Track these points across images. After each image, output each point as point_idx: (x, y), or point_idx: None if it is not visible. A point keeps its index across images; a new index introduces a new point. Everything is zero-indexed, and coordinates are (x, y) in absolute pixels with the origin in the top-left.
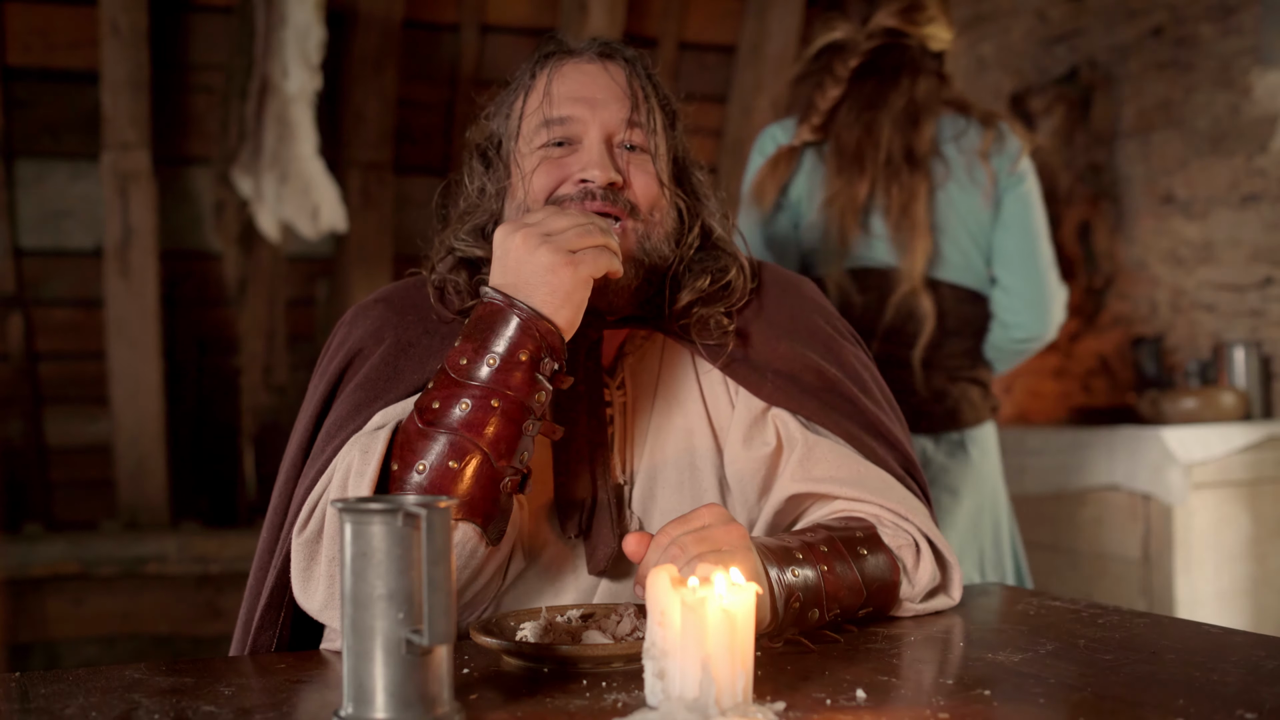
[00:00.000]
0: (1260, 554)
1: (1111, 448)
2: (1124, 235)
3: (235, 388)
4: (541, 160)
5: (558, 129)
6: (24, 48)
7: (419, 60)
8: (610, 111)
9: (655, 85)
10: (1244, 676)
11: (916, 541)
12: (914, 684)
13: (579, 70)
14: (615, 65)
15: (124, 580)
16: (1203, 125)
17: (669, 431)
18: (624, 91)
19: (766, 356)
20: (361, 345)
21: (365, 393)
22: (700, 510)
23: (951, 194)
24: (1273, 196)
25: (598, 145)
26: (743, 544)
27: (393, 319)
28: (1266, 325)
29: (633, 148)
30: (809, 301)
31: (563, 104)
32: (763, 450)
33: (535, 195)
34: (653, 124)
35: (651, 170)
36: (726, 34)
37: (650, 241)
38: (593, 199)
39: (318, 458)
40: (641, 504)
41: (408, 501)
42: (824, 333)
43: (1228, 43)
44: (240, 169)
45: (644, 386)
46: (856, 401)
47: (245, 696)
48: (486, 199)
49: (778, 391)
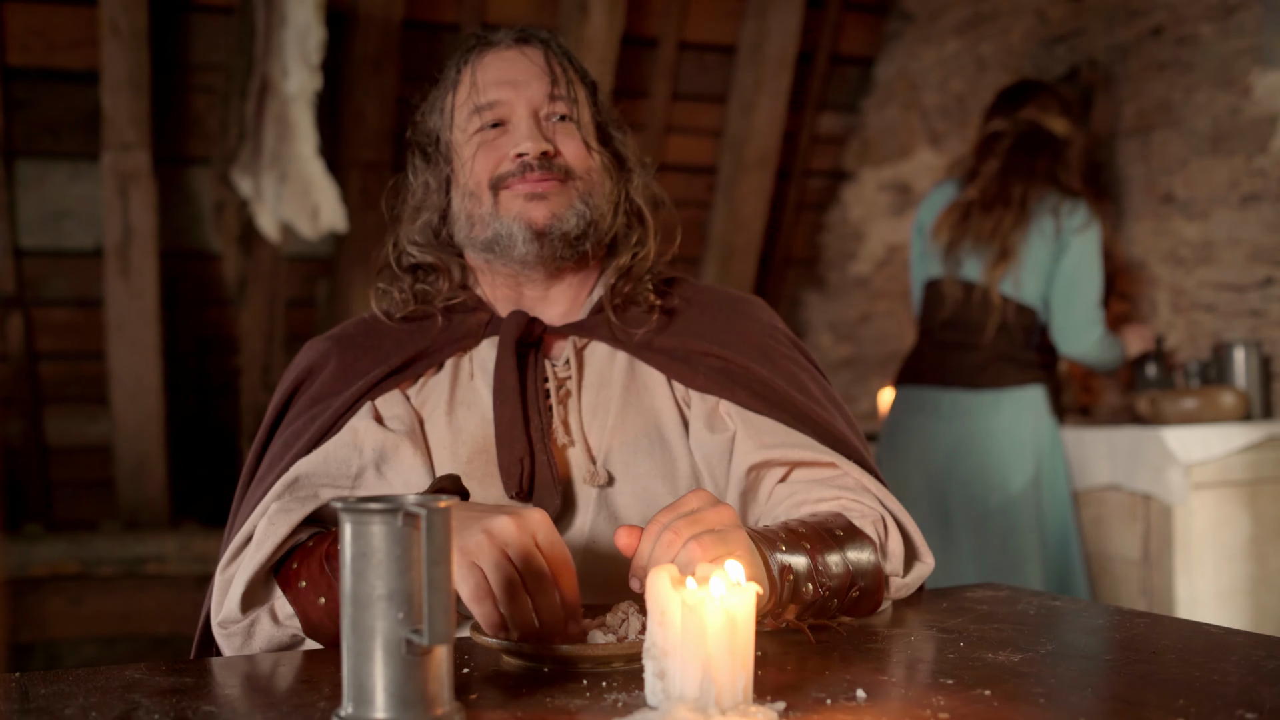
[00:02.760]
0: (1260, 554)
1: (1111, 448)
2: (1124, 235)
3: (235, 388)
4: (479, 146)
5: (488, 113)
6: (24, 48)
7: (419, 60)
8: (533, 89)
9: (572, 60)
10: (1244, 676)
11: (883, 517)
12: (914, 684)
13: (499, 58)
14: (532, 48)
15: (124, 580)
16: (1203, 125)
17: (634, 408)
18: (543, 70)
19: (699, 355)
20: (309, 369)
21: (309, 411)
22: (688, 496)
23: (1031, 240)
24: (1273, 196)
25: (526, 121)
26: (734, 522)
27: (336, 350)
28: (1266, 325)
29: (561, 118)
30: (748, 316)
31: (488, 90)
32: (724, 434)
33: (478, 178)
34: (573, 94)
35: (578, 136)
36: (726, 34)
37: (591, 198)
38: (531, 170)
39: (258, 486)
40: (609, 466)
41: (408, 501)
42: (758, 341)
43: (1228, 43)
44: (240, 169)
45: (601, 369)
46: (790, 397)
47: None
48: (430, 193)
49: (711, 382)
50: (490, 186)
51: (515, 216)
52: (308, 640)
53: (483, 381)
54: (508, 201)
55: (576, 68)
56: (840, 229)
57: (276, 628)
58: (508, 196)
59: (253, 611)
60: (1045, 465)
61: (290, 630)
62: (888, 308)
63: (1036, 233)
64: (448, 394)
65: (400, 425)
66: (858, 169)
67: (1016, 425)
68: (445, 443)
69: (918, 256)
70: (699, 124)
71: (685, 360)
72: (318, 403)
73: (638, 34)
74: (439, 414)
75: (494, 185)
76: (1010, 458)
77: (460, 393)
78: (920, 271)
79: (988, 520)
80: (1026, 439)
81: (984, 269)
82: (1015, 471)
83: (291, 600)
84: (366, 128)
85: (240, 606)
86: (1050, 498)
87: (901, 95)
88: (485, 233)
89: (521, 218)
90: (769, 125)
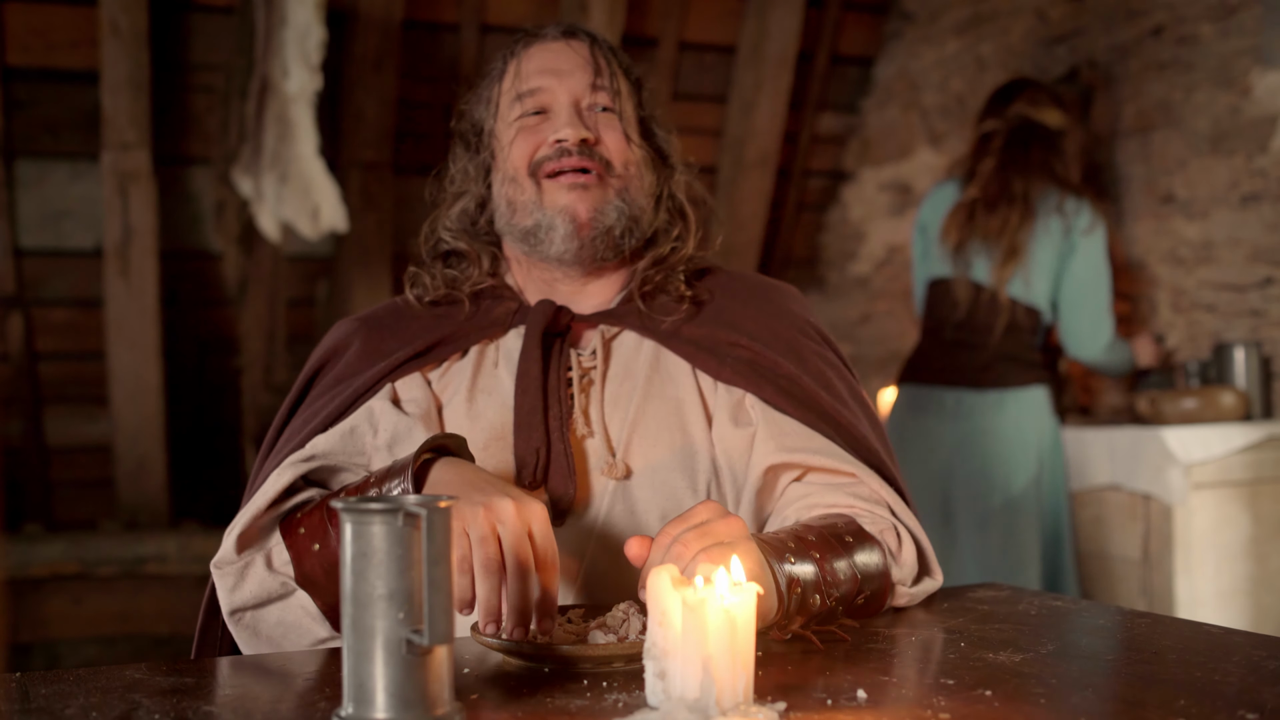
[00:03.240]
0: (1260, 554)
1: (1111, 448)
2: (1124, 235)
3: (235, 388)
4: (519, 130)
5: (529, 100)
6: (24, 48)
7: (419, 60)
8: (576, 79)
9: (617, 55)
10: (1245, 677)
11: (895, 526)
12: (915, 684)
13: (545, 48)
14: (578, 40)
15: (124, 580)
16: (1203, 125)
17: (657, 399)
18: (587, 61)
19: (727, 346)
20: (334, 349)
21: (330, 390)
22: (697, 507)
23: (1038, 238)
24: (1273, 196)
25: (567, 108)
26: (744, 535)
27: (363, 331)
28: (1266, 325)
29: (603, 109)
30: (780, 306)
31: (531, 78)
32: (748, 429)
33: (516, 163)
34: (616, 86)
35: (619, 128)
36: (726, 34)
37: (629, 194)
38: (569, 155)
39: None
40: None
41: (408, 501)
42: (788, 335)
43: (1228, 43)
44: (240, 169)
45: (627, 359)
46: (816, 395)
47: (245, 696)
48: (469, 180)
49: (737, 375)
50: (530, 172)
51: (561, 209)
52: (294, 600)
53: (506, 370)
54: (552, 192)
55: (622, 63)
56: (840, 229)
57: (269, 573)
58: (552, 187)
59: (249, 553)
60: (1047, 465)
61: (281, 578)
62: (888, 308)
63: (1043, 231)
64: (469, 380)
65: (416, 409)
66: (858, 169)
67: (1020, 425)
68: (463, 429)
69: (919, 256)
70: (699, 124)
71: (713, 351)
72: (340, 382)
73: (638, 34)
74: (459, 399)
75: (533, 171)
76: (1013, 457)
77: (482, 379)
78: (923, 271)
79: (990, 520)
80: (1030, 439)
81: (992, 268)
82: (1018, 471)
83: (289, 546)
84: (366, 128)
85: (236, 547)
86: (1050, 498)
87: (901, 95)
88: (526, 220)
89: (566, 211)
90: (769, 125)
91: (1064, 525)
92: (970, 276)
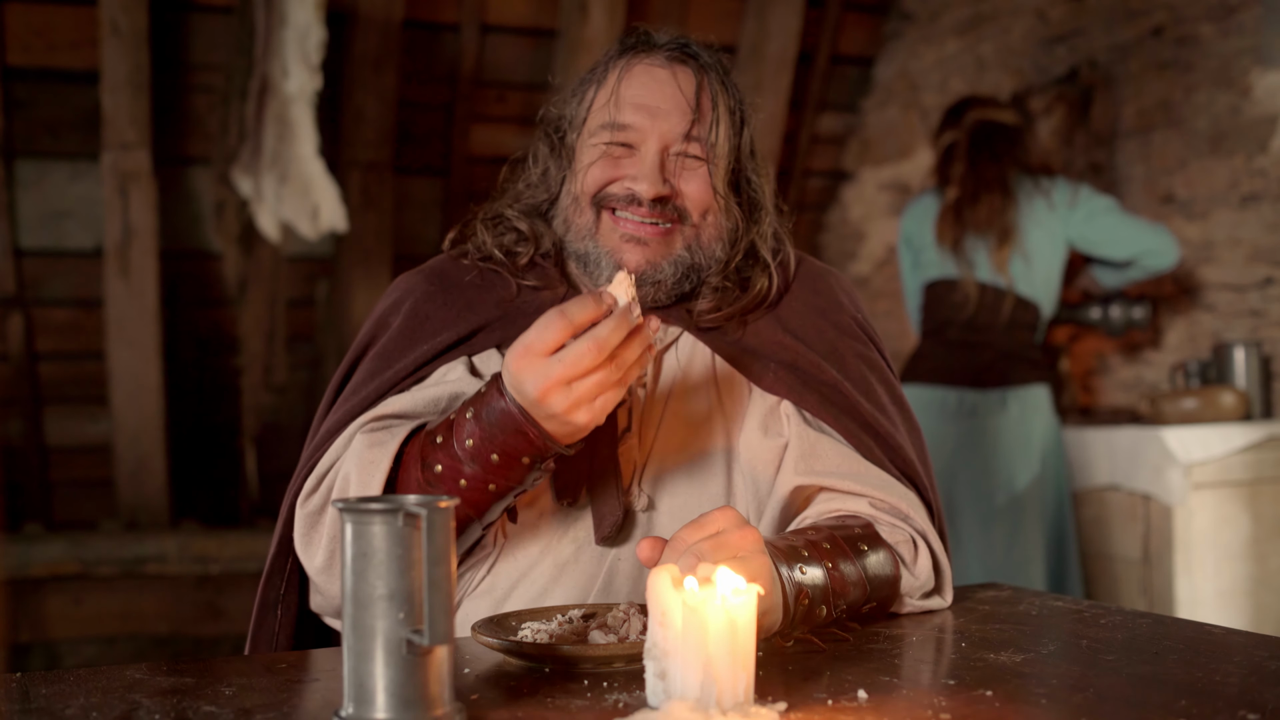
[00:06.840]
0: (1260, 554)
1: (1111, 448)
2: None
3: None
4: (600, 156)
5: (619, 134)
6: (24, 48)
7: (419, 60)
8: (670, 123)
9: (726, 88)
10: (1246, 677)
11: (914, 538)
12: (915, 684)
13: (648, 74)
14: (686, 71)
15: (124, 580)
16: (1203, 125)
17: (684, 417)
18: (688, 103)
19: (771, 348)
20: (385, 320)
21: (378, 362)
22: (714, 514)
23: (1025, 220)
24: (1273, 196)
25: (652, 157)
26: (758, 548)
27: (419, 288)
28: (1266, 325)
29: (691, 156)
30: (827, 299)
31: (625, 110)
32: (778, 440)
33: (587, 188)
34: (714, 136)
35: (705, 177)
36: (726, 34)
37: (699, 242)
38: (638, 205)
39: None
40: (651, 485)
41: (408, 501)
42: (831, 336)
43: (1228, 43)
44: (240, 169)
45: (665, 375)
46: (857, 404)
47: (246, 696)
48: (547, 180)
49: (779, 383)
50: (593, 200)
51: (610, 251)
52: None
53: None
54: (607, 230)
55: (730, 96)
56: (840, 229)
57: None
58: (609, 225)
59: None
60: (1050, 463)
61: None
62: (888, 308)
63: (1029, 213)
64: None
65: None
66: (858, 169)
67: (1023, 423)
68: None
69: (909, 267)
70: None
71: (756, 354)
72: (408, 337)
73: None
74: None
75: (597, 202)
76: (1016, 456)
77: None
78: (913, 281)
79: (994, 518)
80: (1033, 437)
81: (991, 254)
82: (1021, 470)
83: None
84: (366, 128)
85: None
86: (1053, 495)
87: (901, 95)
88: (578, 245)
89: (614, 254)
90: (769, 125)
91: (1067, 522)
92: (975, 275)
